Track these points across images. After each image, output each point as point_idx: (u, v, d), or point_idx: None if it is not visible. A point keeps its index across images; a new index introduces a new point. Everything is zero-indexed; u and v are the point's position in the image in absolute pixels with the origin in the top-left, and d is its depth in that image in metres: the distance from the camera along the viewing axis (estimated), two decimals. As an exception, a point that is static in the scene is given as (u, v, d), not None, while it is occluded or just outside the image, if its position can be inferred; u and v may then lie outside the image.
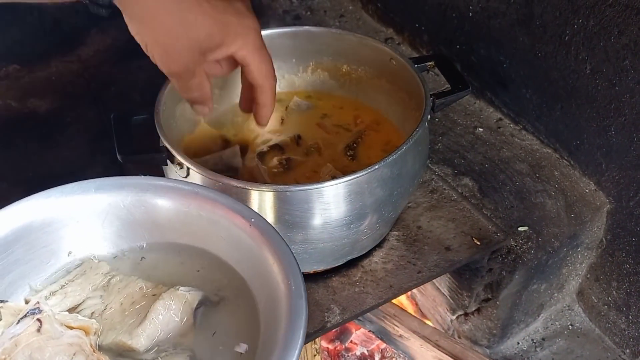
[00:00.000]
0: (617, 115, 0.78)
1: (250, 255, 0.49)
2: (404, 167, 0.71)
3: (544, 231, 0.83)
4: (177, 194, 0.52)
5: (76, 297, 0.49)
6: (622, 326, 0.92)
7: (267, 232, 0.49)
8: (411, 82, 0.79)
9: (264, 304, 0.47)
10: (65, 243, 0.51)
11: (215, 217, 0.51)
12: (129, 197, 0.52)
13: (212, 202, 0.52)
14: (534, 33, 0.84)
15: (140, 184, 0.53)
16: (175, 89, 0.68)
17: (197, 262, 0.53)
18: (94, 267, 0.51)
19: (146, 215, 0.52)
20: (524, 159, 0.92)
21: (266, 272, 0.48)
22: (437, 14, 1.01)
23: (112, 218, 0.52)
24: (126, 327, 0.47)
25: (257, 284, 0.49)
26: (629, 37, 0.72)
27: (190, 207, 0.52)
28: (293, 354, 0.41)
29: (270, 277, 0.47)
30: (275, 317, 0.45)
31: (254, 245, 0.49)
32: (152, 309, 0.47)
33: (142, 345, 0.46)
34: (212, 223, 0.51)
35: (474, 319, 0.91)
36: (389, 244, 0.81)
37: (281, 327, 0.43)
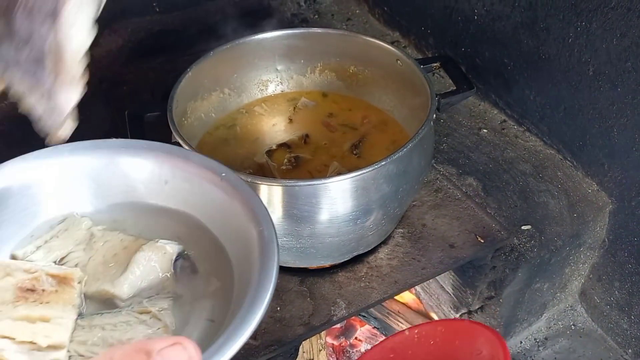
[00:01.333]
0: (619, 116, 0.80)
1: (222, 209, 0.51)
2: (410, 165, 0.73)
3: (546, 230, 0.85)
4: (151, 153, 0.53)
5: (61, 250, 0.50)
6: (625, 326, 0.93)
7: (238, 184, 0.51)
8: (417, 83, 0.81)
9: (237, 256, 0.49)
10: (44, 206, 0.52)
11: (188, 175, 0.52)
12: (103, 159, 0.53)
13: (184, 160, 0.53)
14: (537, 36, 0.86)
15: (113, 145, 0.54)
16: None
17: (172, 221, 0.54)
18: (76, 223, 0.52)
19: (121, 176, 0.53)
20: (528, 159, 0.93)
21: (237, 223, 0.49)
22: (443, 17, 1.03)
23: (87, 180, 0.53)
24: (109, 277, 0.49)
25: (229, 237, 0.50)
26: (631, 39, 0.74)
27: (163, 166, 0.53)
28: (266, 294, 0.42)
29: (241, 228, 0.49)
30: (249, 263, 0.46)
31: (226, 197, 0.50)
32: (133, 260, 0.49)
33: (125, 292, 0.48)
34: (185, 180, 0.52)
35: (477, 317, 0.92)
36: (394, 241, 0.83)
37: (255, 269, 0.45)
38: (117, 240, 0.52)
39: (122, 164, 0.53)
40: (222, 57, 0.86)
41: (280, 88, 0.94)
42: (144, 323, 0.46)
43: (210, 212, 0.52)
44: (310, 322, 0.74)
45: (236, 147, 0.87)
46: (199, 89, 0.86)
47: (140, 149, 0.54)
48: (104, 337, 0.45)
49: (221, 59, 0.86)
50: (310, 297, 0.77)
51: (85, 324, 0.46)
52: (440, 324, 0.60)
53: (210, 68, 0.85)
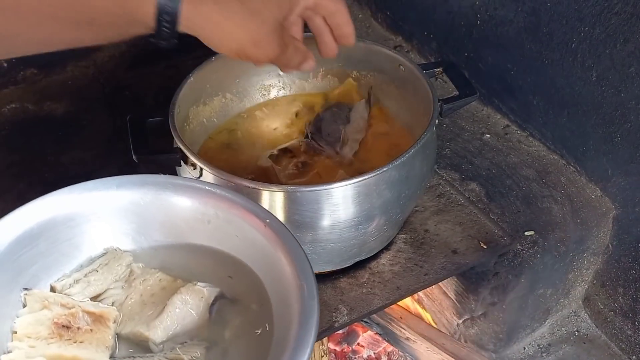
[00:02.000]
0: (622, 122, 0.79)
1: (264, 255, 0.51)
2: (412, 170, 0.72)
3: (550, 236, 0.84)
4: (195, 192, 0.53)
5: (98, 286, 0.50)
6: (629, 332, 0.92)
7: (281, 232, 0.50)
8: (419, 88, 0.80)
9: (277, 304, 0.48)
10: (87, 238, 0.53)
11: (231, 217, 0.52)
12: (149, 195, 0.53)
13: (228, 201, 0.53)
14: (540, 41, 0.86)
15: (160, 182, 0.54)
16: (281, 69, 0.69)
17: (213, 261, 0.54)
18: (117, 258, 0.53)
19: (165, 214, 0.54)
20: (531, 164, 0.93)
21: (279, 272, 0.49)
22: (446, 22, 1.03)
23: (131, 215, 0.53)
24: (144, 318, 0.48)
25: (271, 284, 0.50)
26: (634, 44, 0.73)
27: (207, 206, 0.53)
28: (304, 354, 0.42)
29: (283, 278, 0.48)
30: (287, 317, 0.46)
31: (268, 245, 0.50)
32: (170, 302, 0.49)
33: (159, 336, 0.48)
34: (228, 222, 0.52)
35: (480, 323, 0.92)
36: (397, 247, 0.83)
37: (293, 327, 0.44)
38: (155, 279, 0.52)
39: (167, 201, 0.53)
40: (224, 62, 0.86)
41: (283, 93, 0.94)
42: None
43: (253, 256, 0.52)
44: (312, 328, 0.74)
45: (238, 152, 0.87)
46: (201, 94, 0.86)
47: (185, 187, 0.54)
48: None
49: (223, 64, 0.86)
50: (312, 303, 0.76)
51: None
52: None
53: (212, 73, 0.85)
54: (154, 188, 0.54)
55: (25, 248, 0.49)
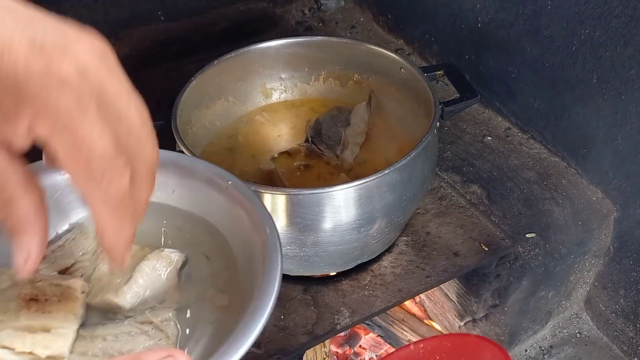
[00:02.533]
0: (623, 124, 0.79)
1: (229, 216, 0.52)
2: (413, 173, 0.73)
3: (551, 238, 0.84)
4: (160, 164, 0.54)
5: (65, 260, 0.50)
6: (630, 334, 0.92)
7: (244, 193, 0.51)
8: (421, 91, 0.81)
9: (243, 262, 0.49)
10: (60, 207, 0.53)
11: (195, 184, 0.53)
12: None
13: (190, 170, 0.54)
14: (541, 43, 0.86)
15: None
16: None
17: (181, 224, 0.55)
18: (83, 232, 0.53)
19: None
20: (532, 167, 0.93)
21: (244, 230, 0.50)
22: (447, 25, 1.04)
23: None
24: (113, 286, 0.49)
25: (237, 242, 0.51)
26: (634, 47, 0.74)
27: (170, 176, 0.54)
28: (268, 303, 0.43)
29: (247, 234, 0.49)
30: (253, 271, 0.47)
31: (232, 206, 0.51)
32: (137, 269, 0.49)
33: (128, 302, 0.48)
34: (191, 189, 0.53)
35: (482, 325, 0.92)
36: (398, 249, 0.83)
37: (258, 278, 0.45)
38: None
39: None
40: (226, 65, 0.86)
41: (285, 96, 0.95)
42: (145, 334, 0.46)
43: (219, 218, 0.53)
44: (314, 330, 0.74)
45: (241, 154, 0.87)
46: (203, 98, 0.86)
47: None
48: (105, 348, 0.45)
49: (225, 68, 0.86)
50: (314, 305, 0.77)
51: (87, 334, 0.46)
52: (446, 339, 0.60)
53: (215, 77, 0.86)
54: None
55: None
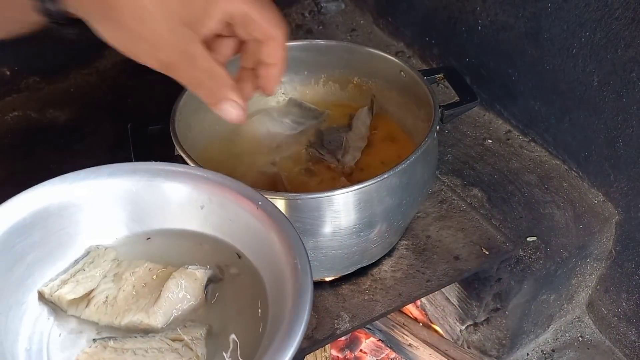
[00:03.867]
0: (624, 126, 0.79)
1: (257, 237, 0.51)
2: (413, 177, 0.72)
3: (552, 241, 0.84)
4: (188, 178, 0.53)
5: (88, 283, 0.50)
6: (633, 338, 0.92)
7: (274, 214, 0.51)
8: (421, 94, 0.80)
9: (272, 283, 0.49)
10: (82, 226, 0.52)
11: (224, 201, 0.52)
12: (141, 182, 0.53)
13: (220, 185, 0.53)
14: (542, 46, 0.86)
15: (151, 169, 0.54)
16: (190, 92, 0.59)
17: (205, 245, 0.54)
18: (101, 255, 0.52)
19: (158, 200, 0.53)
20: (533, 170, 0.93)
21: (273, 252, 0.49)
22: (447, 28, 1.03)
23: (124, 202, 0.53)
24: (141, 306, 0.48)
25: (264, 264, 0.50)
26: (635, 49, 0.73)
27: (200, 190, 0.53)
28: (300, 326, 0.42)
29: (276, 258, 0.48)
30: (282, 294, 0.46)
31: (261, 227, 0.50)
32: (165, 288, 0.49)
33: (160, 321, 0.48)
34: (221, 206, 0.53)
35: (483, 329, 0.91)
36: (399, 253, 0.82)
37: (289, 302, 0.44)
38: (145, 269, 0.52)
39: (159, 187, 0.54)
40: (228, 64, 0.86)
41: (284, 99, 0.94)
42: (175, 351, 0.46)
43: (246, 240, 0.52)
44: (314, 335, 0.74)
45: (241, 159, 0.87)
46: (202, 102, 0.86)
47: (177, 172, 0.54)
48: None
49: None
50: (314, 310, 0.76)
51: (118, 346, 0.46)
52: None
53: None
54: (146, 175, 0.53)
55: (19, 238, 0.48)
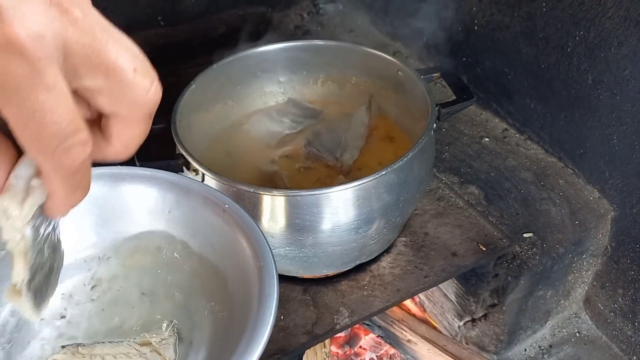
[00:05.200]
0: (619, 124, 0.80)
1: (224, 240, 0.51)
2: (410, 174, 0.73)
3: (548, 237, 0.85)
4: (154, 182, 0.54)
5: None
6: (629, 333, 0.93)
7: (240, 217, 0.51)
8: (418, 93, 0.82)
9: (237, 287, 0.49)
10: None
11: (191, 204, 0.53)
12: (106, 187, 0.53)
13: (187, 190, 0.54)
14: (537, 45, 0.87)
15: (116, 174, 0.54)
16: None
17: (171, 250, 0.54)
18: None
19: (124, 204, 0.54)
20: (529, 167, 0.94)
21: (239, 255, 0.50)
22: (443, 28, 1.04)
23: (91, 207, 0.53)
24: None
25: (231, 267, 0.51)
26: (628, 47, 0.74)
27: (167, 194, 0.54)
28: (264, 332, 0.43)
29: (243, 261, 0.49)
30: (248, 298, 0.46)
31: (228, 229, 0.51)
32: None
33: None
34: (188, 210, 0.53)
35: (481, 325, 0.92)
36: (397, 250, 0.83)
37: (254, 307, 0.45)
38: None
39: (126, 191, 0.54)
40: (225, 69, 0.87)
41: (282, 99, 0.96)
42: (143, 356, 0.47)
43: (213, 243, 0.53)
44: (314, 330, 0.75)
45: (240, 157, 0.88)
46: (202, 101, 0.87)
47: (143, 177, 0.55)
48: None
49: (224, 71, 0.87)
50: (314, 305, 0.77)
51: (86, 352, 0.47)
52: None
53: (214, 80, 0.87)
54: (110, 180, 0.54)
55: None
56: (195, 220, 0.53)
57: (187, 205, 0.53)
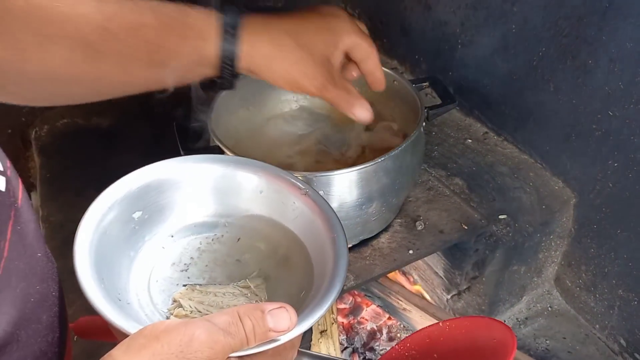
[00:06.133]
0: (575, 123, 0.97)
1: (303, 218, 0.64)
2: (404, 162, 0.90)
3: (519, 219, 1.01)
4: (254, 167, 0.67)
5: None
6: (592, 304, 1.09)
7: (317, 200, 0.64)
8: (410, 99, 0.98)
9: (316, 254, 0.62)
10: (177, 201, 0.65)
11: (278, 187, 0.66)
12: (222, 169, 0.66)
13: (277, 176, 0.67)
14: (509, 60, 1.05)
15: (228, 160, 0.68)
16: (337, 107, 0.76)
17: (268, 229, 0.66)
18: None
19: (234, 186, 0.66)
20: (505, 163, 1.11)
21: (317, 230, 0.62)
22: (433, 47, 1.22)
23: (211, 185, 0.66)
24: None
25: (310, 240, 0.63)
26: (580, 60, 0.92)
27: (261, 178, 0.66)
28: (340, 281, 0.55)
29: (319, 234, 0.62)
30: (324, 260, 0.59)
31: (307, 209, 0.64)
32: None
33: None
34: (276, 192, 0.66)
35: (466, 297, 1.08)
36: (394, 229, 1.00)
37: (329, 265, 0.58)
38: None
39: (235, 174, 0.67)
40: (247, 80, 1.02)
41: (296, 105, 1.12)
42: (244, 295, 0.60)
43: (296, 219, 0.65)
44: (325, 291, 0.91)
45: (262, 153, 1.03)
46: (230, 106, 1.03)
47: (247, 163, 0.67)
48: (216, 301, 0.59)
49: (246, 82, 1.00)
50: (325, 271, 0.93)
51: (202, 289, 0.60)
52: (466, 320, 0.73)
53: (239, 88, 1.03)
54: (225, 163, 0.67)
55: (133, 202, 0.61)
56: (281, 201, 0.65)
57: (275, 188, 0.66)
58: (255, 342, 0.47)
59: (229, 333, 0.46)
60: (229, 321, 0.46)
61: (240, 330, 0.46)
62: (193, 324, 0.45)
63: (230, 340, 0.46)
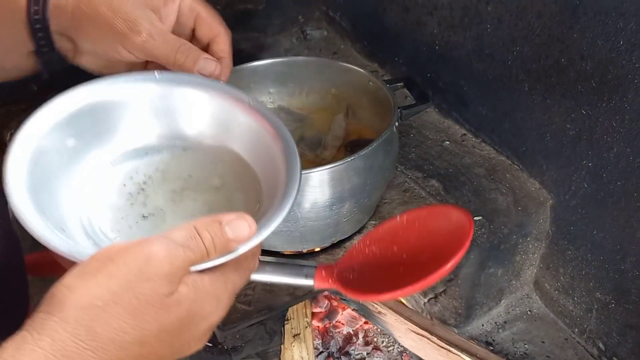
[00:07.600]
0: (550, 123, 0.96)
1: (249, 129, 0.63)
2: (375, 161, 0.89)
3: (495, 220, 1.00)
4: (201, 86, 0.65)
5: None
6: (570, 308, 1.07)
7: (261, 109, 0.64)
8: (384, 99, 0.98)
9: (264, 163, 0.62)
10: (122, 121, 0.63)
11: (222, 102, 0.64)
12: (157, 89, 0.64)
13: (221, 90, 0.65)
14: (484, 60, 1.04)
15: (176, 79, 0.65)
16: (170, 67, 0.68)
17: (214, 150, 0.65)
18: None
19: (179, 102, 0.65)
20: (482, 164, 1.10)
21: (264, 139, 0.62)
22: (411, 49, 1.22)
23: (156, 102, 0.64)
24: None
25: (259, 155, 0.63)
26: (553, 59, 0.91)
27: (209, 94, 0.65)
28: (294, 187, 0.55)
29: (268, 143, 0.61)
30: (275, 168, 0.59)
31: (253, 120, 0.63)
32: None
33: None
34: (220, 106, 0.65)
35: (442, 300, 1.07)
36: (368, 231, 0.98)
37: (282, 172, 0.57)
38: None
39: (173, 92, 0.65)
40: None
41: (273, 107, 1.12)
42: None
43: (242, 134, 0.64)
44: (295, 292, 0.89)
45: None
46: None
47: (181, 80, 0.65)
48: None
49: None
50: (296, 272, 0.92)
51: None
52: (423, 210, 0.73)
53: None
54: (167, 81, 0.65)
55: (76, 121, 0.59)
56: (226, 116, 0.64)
57: (219, 103, 0.65)
58: (216, 254, 0.47)
59: (188, 247, 0.46)
60: (187, 235, 0.46)
61: (200, 244, 0.46)
62: (149, 241, 0.44)
63: (190, 255, 0.46)
